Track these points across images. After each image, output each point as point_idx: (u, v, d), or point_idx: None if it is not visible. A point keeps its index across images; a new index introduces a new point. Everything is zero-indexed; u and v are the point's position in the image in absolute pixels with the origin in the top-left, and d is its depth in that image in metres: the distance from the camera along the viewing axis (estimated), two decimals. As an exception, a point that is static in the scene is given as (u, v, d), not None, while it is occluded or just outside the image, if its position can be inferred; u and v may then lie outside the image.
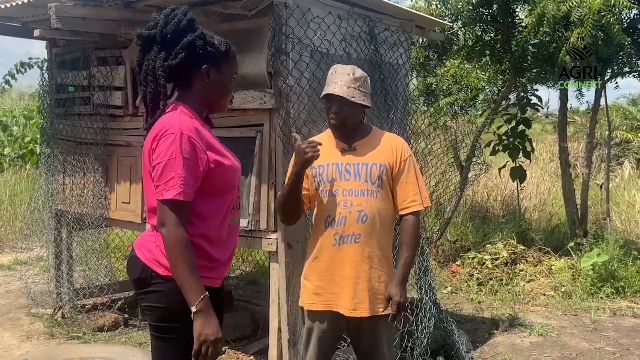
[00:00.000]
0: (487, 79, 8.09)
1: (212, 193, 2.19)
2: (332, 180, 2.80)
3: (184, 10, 2.22)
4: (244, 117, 3.81)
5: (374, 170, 2.77)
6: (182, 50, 2.17)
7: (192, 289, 2.04)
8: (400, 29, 4.51)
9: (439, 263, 7.31)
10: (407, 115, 4.64)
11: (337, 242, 2.77)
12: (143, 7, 3.90)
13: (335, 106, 2.78)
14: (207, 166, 2.14)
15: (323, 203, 2.83)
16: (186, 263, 2.05)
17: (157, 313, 2.20)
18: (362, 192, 2.76)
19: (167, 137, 2.09)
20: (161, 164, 2.08)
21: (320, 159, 2.77)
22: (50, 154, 5.32)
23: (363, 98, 2.79)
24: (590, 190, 8.66)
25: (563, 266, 6.78)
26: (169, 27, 2.18)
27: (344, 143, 2.85)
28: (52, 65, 5.26)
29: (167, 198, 2.06)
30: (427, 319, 4.16)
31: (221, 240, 2.25)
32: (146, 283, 2.19)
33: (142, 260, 2.22)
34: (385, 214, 2.80)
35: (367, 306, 2.77)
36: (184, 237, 2.06)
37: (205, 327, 2.04)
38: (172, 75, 2.23)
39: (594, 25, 5.55)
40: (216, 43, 2.25)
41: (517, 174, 7.89)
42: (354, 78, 2.79)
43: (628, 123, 16.71)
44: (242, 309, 5.40)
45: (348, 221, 2.74)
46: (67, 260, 5.43)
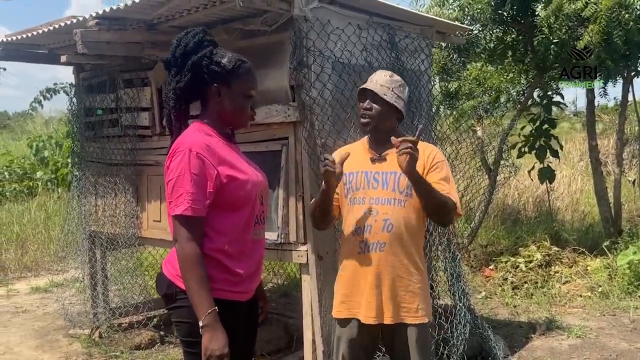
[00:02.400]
0: (510, 79, 8.02)
1: (227, 207, 2.23)
2: (359, 188, 2.81)
3: (195, 31, 2.28)
4: (268, 131, 3.84)
5: (402, 179, 2.75)
6: (188, 72, 2.25)
7: (199, 303, 2.08)
8: (421, 35, 4.51)
9: (471, 268, 7.24)
10: (431, 120, 4.63)
11: (362, 250, 2.77)
12: (165, 28, 3.97)
13: (367, 101, 2.80)
14: (218, 181, 2.18)
15: (351, 211, 2.84)
16: (194, 277, 2.10)
17: (184, 328, 2.24)
18: (388, 201, 2.76)
19: (177, 154, 2.17)
20: (172, 181, 2.15)
21: (350, 167, 2.82)
22: (81, 176, 5.41)
23: (396, 100, 2.80)
24: (623, 188, 8.51)
25: (598, 266, 6.66)
26: (178, 50, 2.26)
27: (375, 151, 2.86)
28: (80, 90, 5.36)
29: (177, 213, 2.13)
30: (461, 325, 4.13)
31: (242, 254, 2.27)
32: (172, 298, 2.25)
33: (167, 276, 2.27)
34: (412, 224, 2.77)
35: (390, 314, 2.76)
36: (193, 251, 2.11)
37: (211, 341, 2.06)
38: (185, 96, 2.29)
39: (608, 21, 5.49)
40: (223, 62, 2.28)
41: (545, 174, 7.78)
42: (391, 80, 2.82)
43: (658, 117, 16.37)
44: (276, 322, 5.40)
45: (373, 229, 2.74)
46: (102, 280, 5.51)
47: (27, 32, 4.56)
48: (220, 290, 2.16)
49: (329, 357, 3.68)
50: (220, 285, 2.15)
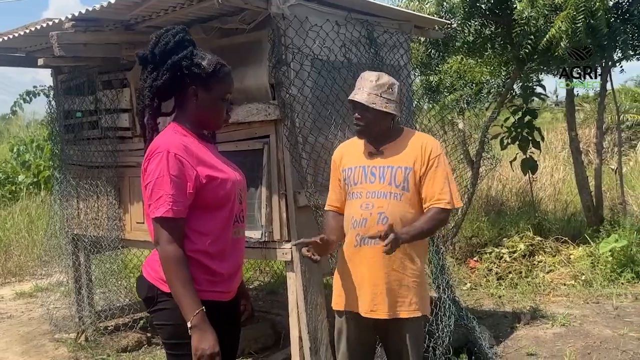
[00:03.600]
0: (491, 72, 8.06)
1: (207, 207, 2.22)
2: (357, 182, 2.85)
3: (175, 30, 2.26)
4: (249, 129, 3.84)
5: (398, 173, 2.78)
6: (166, 71, 2.22)
7: (186, 305, 2.07)
8: (399, 30, 4.52)
9: (456, 260, 7.28)
10: (412, 115, 4.65)
11: (358, 243, 2.80)
12: (143, 28, 3.95)
13: (357, 112, 2.82)
14: (198, 182, 2.17)
15: (349, 205, 2.89)
16: (179, 278, 2.09)
17: (167, 330, 2.23)
18: (384, 195, 2.78)
19: (154, 156, 2.15)
20: (150, 183, 2.14)
21: (349, 162, 2.90)
22: (62, 179, 5.37)
23: (385, 105, 2.79)
24: (605, 176, 8.60)
25: (581, 254, 6.73)
26: (158, 48, 2.23)
27: (372, 146, 2.88)
28: (58, 92, 5.32)
29: (157, 216, 2.11)
30: (446, 317, 4.16)
31: (223, 254, 2.26)
32: (154, 301, 2.23)
33: (147, 279, 2.26)
34: (409, 217, 2.78)
35: (385, 308, 2.78)
36: (175, 253, 2.10)
37: (201, 341, 2.06)
38: (161, 94, 2.27)
39: (577, 9, 5.51)
40: (203, 64, 2.26)
41: (527, 165, 7.83)
42: (377, 84, 2.80)
43: (638, 105, 16.58)
44: (263, 320, 5.41)
45: (368, 223, 2.76)
46: (86, 283, 5.48)
47: (3, 36, 4.51)
48: (202, 291, 2.15)
49: (316, 354, 3.70)
50: (202, 286, 2.15)
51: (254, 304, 5.96)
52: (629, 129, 15.21)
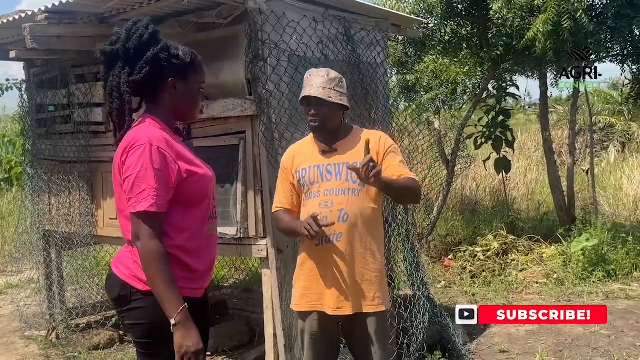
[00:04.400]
0: (466, 72, 8.12)
1: (186, 203, 2.18)
2: (313, 182, 2.82)
3: (146, 22, 2.20)
4: (225, 125, 3.81)
5: None
6: (145, 65, 2.16)
7: (169, 302, 2.03)
8: (376, 28, 4.53)
9: (431, 258, 7.33)
10: (388, 113, 4.66)
11: (320, 242, 2.78)
12: (117, 21, 3.89)
13: (313, 108, 2.80)
14: (179, 176, 2.13)
15: (307, 204, 2.85)
16: (162, 275, 2.04)
17: (140, 329, 2.18)
18: (342, 191, 2.77)
19: (136, 148, 2.08)
20: (131, 176, 2.07)
21: (302, 163, 2.86)
22: (34, 174, 5.29)
23: (340, 98, 2.81)
24: (577, 177, 8.72)
25: (553, 253, 6.82)
26: (132, 42, 2.16)
27: (324, 144, 2.87)
28: (31, 86, 5.22)
29: (140, 210, 2.05)
30: (421, 314, 4.18)
31: (199, 250, 2.23)
32: (126, 300, 2.17)
33: (120, 277, 2.20)
34: (368, 212, 2.79)
35: (350, 304, 2.78)
36: (158, 248, 2.05)
37: (185, 338, 2.02)
38: (138, 89, 2.21)
39: (557, 11, 5.58)
40: (180, 54, 2.23)
41: (501, 165, 7.91)
42: (329, 79, 2.81)
43: (610, 107, 16.86)
44: (238, 317, 5.40)
45: (329, 220, 2.74)
46: (57, 280, 5.39)
47: (-26, 28, 4.42)
48: (180, 288, 2.11)
49: (291, 351, 3.69)
50: (179, 283, 2.10)
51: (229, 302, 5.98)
52: (601, 131, 15.46)
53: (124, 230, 2.23)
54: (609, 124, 15.67)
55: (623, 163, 12.10)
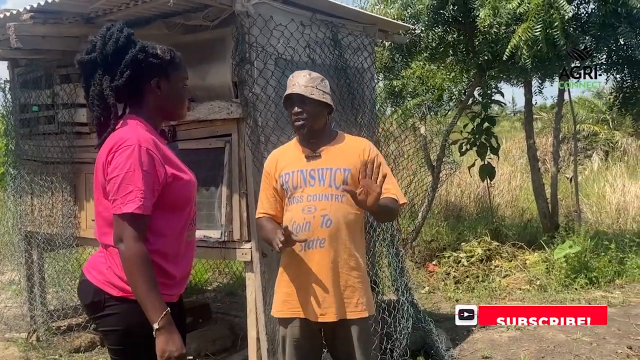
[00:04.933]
0: (452, 78, 8.17)
1: (168, 207, 2.14)
2: (297, 187, 2.80)
3: (119, 26, 2.17)
4: (211, 127, 3.80)
5: (337, 174, 2.77)
6: (126, 68, 2.12)
7: (153, 306, 1.99)
8: (363, 33, 4.54)
9: (415, 263, 7.35)
10: (375, 117, 4.67)
11: (303, 248, 2.75)
12: (103, 22, 3.86)
13: (297, 106, 2.78)
14: (165, 180, 2.10)
15: (290, 209, 2.83)
16: (145, 279, 2.00)
17: (115, 336, 2.13)
18: (325, 197, 2.75)
19: (123, 149, 2.04)
20: (118, 177, 2.02)
21: (286, 167, 2.83)
22: (17, 175, 5.23)
23: (322, 95, 2.80)
24: (561, 184, 8.79)
25: (537, 260, 6.87)
26: (108, 47, 2.12)
27: (308, 149, 2.85)
28: (15, 85, 5.17)
29: (126, 212, 2.00)
30: (404, 319, 4.18)
31: (178, 256, 2.20)
32: (100, 307, 2.12)
33: (93, 283, 2.14)
34: (350, 218, 2.77)
35: (334, 311, 2.75)
36: (143, 251, 2.01)
37: (168, 343, 1.99)
38: (121, 94, 2.17)
39: (537, 20, 5.62)
40: (159, 53, 2.20)
41: (486, 171, 7.96)
42: (311, 78, 2.81)
43: (594, 116, 17.03)
44: (221, 321, 5.37)
45: (312, 226, 2.73)
46: (39, 281, 5.33)
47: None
48: None
49: (274, 355, 3.67)
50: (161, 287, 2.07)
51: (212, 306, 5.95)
52: (584, 139, 15.61)
53: (99, 233, 2.18)
54: (592, 133, 15.84)
55: (606, 171, 12.20)
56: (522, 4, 5.67)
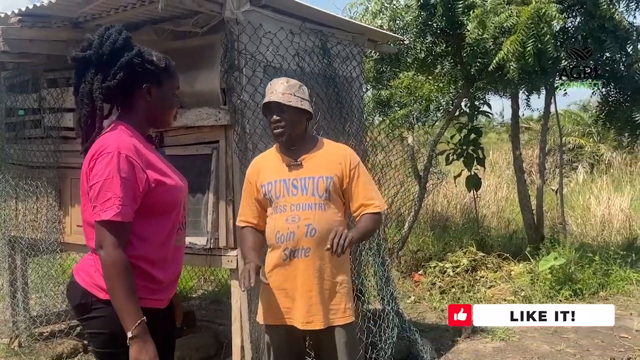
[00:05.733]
0: (440, 89, 8.22)
1: (152, 213, 2.14)
2: (279, 196, 2.81)
3: (118, 28, 2.18)
4: (198, 134, 3.79)
5: (320, 183, 2.78)
6: (119, 70, 2.13)
7: (128, 314, 1.99)
8: (352, 42, 4.56)
9: (401, 273, 7.36)
10: (362, 127, 4.68)
11: (288, 257, 2.77)
12: (91, 26, 3.86)
13: (275, 114, 2.79)
14: (147, 185, 2.10)
15: (273, 219, 2.84)
16: (123, 286, 2.00)
17: (100, 339, 2.13)
18: (309, 206, 2.76)
19: (103, 156, 2.04)
20: (97, 184, 2.03)
21: (268, 176, 2.84)
22: (1, 179, 5.19)
23: (300, 102, 2.81)
24: (546, 196, 8.84)
25: (522, 271, 6.89)
26: (105, 47, 2.13)
27: (289, 158, 2.85)
28: (1, 89, 5.13)
29: (104, 219, 2.01)
30: (389, 329, 4.18)
31: (165, 261, 2.20)
32: (87, 309, 2.12)
33: (81, 285, 2.15)
34: (336, 226, 2.75)
35: (321, 318, 2.76)
36: (121, 258, 2.01)
37: (141, 352, 1.99)
38: (111, 95, 2.17)
39: (527, 33, 5.67)
40: (155, 60, 2.21)
41: (472, 182, 8.00)
42: (289, 85, 2.82)
43: (580, 129, 17.19)
44: (205, 329, 5.33)
45: (297, 236, 2.74)
46: (22, 287, 5.27)
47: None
48: (140, 298, 2.07)
49: (258, 363, 3.65)
50: (140, 293, 2.06)
51: (197, 313, 5.91)
52: (570, 152, 15.74)
53: (87, 238, 2.19)
54: (578, 145, 15.98)
55: (591, 184, 12.32)
56: (511, 17, 5.72)
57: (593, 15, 6.19)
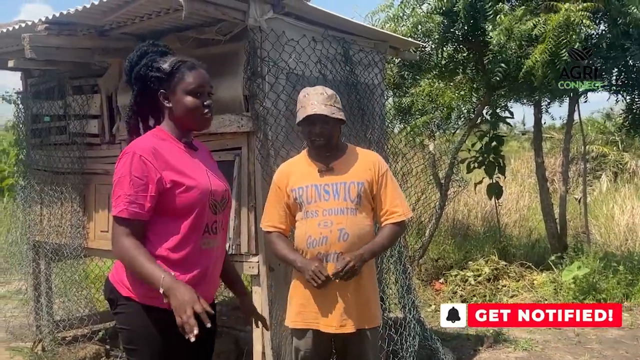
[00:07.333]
0: (462, 97, 8.18)
1: (170, 213, 2.20)
2: (311, 201, 2.83)
3: (140, 45, 2.32)
4: (221, 140, 3.81)
5: (352, 188, 2.81)
6: (134, 84, 2.28)
7: (151, 277, 2.04)
8: (374, 49, 4.56)
9: (422, 281, 7.31)
10: (384, 134, 4.68)
11: (320, 261, 2.78)
12: (117, 34, 3.91)
13: (319, 126, 2.81)
14: (161, 186, 2.16)
15: (304, 224, 2.86)
16: (138, 259, 2.07)
17: (124, 334, 2.23)
18: (341, 211, 2.79)
19: (122, 157, 2.17)
20: (114, 183, 2.16)
21: (298, 181, 2.87)
22: (26, 185, 5.26)
23: (340, 113, 2.87)
24: (569, 205, 8.74)
25: (544, 280, 6.82)
26: (126, 67, 2.30)
27: (321, 163, 2.88)
28: (27, 96, 5.22)
29: (113, 214, 2.13)
30: (411, 337, 4.16)
31: (185, 262, 2.22)
32: (114, 304, 2.23)
33: (110, 280, 2.26)
34: (367, 230, 2.84)
35: (352, 322, 2.80)
36: (132, 242, 2.10)
37: (177, 298, 1.98)
38: (139, 109, 2.33)
39: (555, 41, 5.63)
40: (163, 66, 2.26)
41: (493, 190, 7.94)
42: (328, 96, 2.86)
43: (603, 137, 16.98)
44: (226, 335, 5.34)
45: (330, 240, 2.77)
46: (45, 291, 5.34)
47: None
48: (155, 298, 2.06)
49: (279, 370, 3.65)
50: (155, 293, 2.06)
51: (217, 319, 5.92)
52: (593, 160, 15.54)
53: None
54: (601, 154, 15.77)
55: (615, 192, 12.14)
56: (538, 26, 5.68)
57: (617, 22, 6.13)
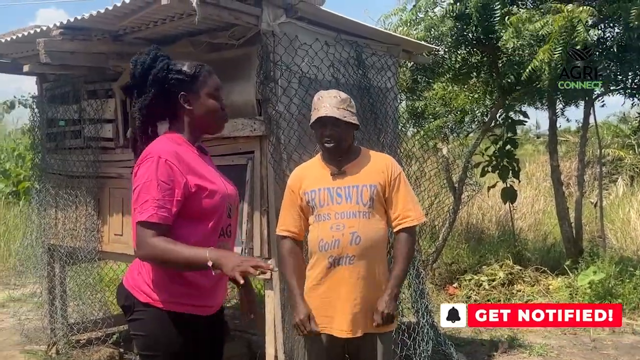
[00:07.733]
0: (475, 100, 8.13)
1: (192, 217, 2.19)
2: (323, 204, 2.83)
3: (149, 50, 2.27)
4: (234, 144, 3.82)
5: (364, 191, 2.80)
6: (151, 88, 2.23)
7: (195, 256, 2.05)
8: (387, 53, 4.55)
9: (435, 286, 7.27)
10: (397, 137, 4.66)
11: (332, 265, 2.79)
12: (131, 39, 3.94)
13: (329, 128, 2.82)
14: (186, 190, 2.15)
15: (316, 227, 2.86)
16: (173, 248, 2.06)
17: (140, 341, 2.20)
18: (353, 214, 2.79)
19: (145, 161, 2.13)
20: (138, 187, 2.12)
21: (311, 184, 2.86)
22: (41, 188, 5.30)
23: (353, 117, 2.86)
24: (585, 209, 8.66)
25: (560, 285, 6.76)
26: (136, 70, 2.25)
27: (333, 167, 2.88)
28: (43, 100, 5.27)
29: (141, 220, 2.08)
30: (424, 342, 4.14)
31: None
32: (130, 310, 2.20)
33: (125, 286, 2.23)
34: (380, 234, 2.84)
35: (364, 325, 2.80)
36: (161, 241, 2.06)
37: (227, 265, 2.01)
38: (152, 113, 2.28)
39: (560, 42, 5.58)
40: (184, 69, 2.27)
41: (507, 194, 7.88)
42: (341, 99, 2.85)
43: (619, 140, 16.81)
44: (239, 339, 5.34)
45: (342, 243, 2.76)
46: (60, 295, 5.37)
47: (-11, 41, 4.47)
48: (178, 303, 2.10)
49: (291, 374, 3.64)
50: (178, 298, 2.10)
51: (230, 323, 5.93)
52: (609, 164, 15.39)
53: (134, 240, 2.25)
54: (617, 157, 15.61)
55: (631, 197, 12.00)
56: (546, 26, 5.64)
57: (630, 26, 6.07)
